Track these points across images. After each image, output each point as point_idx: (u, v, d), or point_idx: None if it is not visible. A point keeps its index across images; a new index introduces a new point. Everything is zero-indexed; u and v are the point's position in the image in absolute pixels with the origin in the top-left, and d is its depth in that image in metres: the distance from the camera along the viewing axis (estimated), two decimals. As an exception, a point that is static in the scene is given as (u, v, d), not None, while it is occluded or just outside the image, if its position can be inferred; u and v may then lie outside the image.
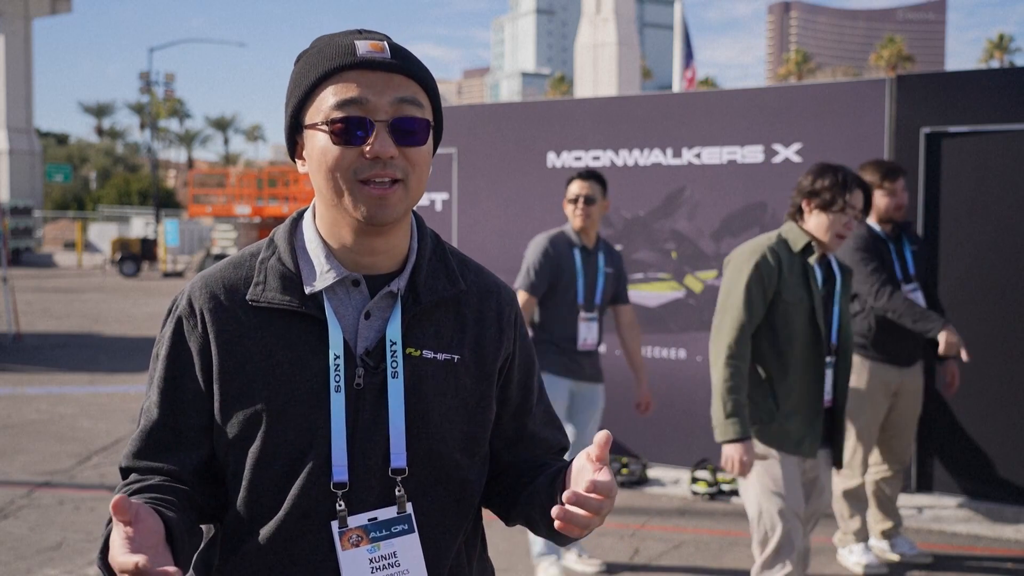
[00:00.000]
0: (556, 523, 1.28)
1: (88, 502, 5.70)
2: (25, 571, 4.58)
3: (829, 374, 3.45)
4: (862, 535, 4.74)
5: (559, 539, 1.43)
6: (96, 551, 1.29)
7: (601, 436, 1.26)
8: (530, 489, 1.47)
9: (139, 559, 1.12)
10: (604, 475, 1.26)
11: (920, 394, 4.86)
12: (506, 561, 4.69)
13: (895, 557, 4.82)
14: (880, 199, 4.67)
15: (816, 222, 3.39)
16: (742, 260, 3.39)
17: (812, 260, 3.39)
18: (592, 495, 1.25)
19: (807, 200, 3.40)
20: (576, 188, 4.54)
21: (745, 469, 3.28)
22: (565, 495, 1.26)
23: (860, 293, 4.61)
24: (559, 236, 4.56)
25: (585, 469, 1.30)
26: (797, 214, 3.45)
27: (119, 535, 1.17)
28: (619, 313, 4.77)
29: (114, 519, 1.18)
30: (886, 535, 4.86)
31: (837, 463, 3.56)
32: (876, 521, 4.87)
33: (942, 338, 4.42)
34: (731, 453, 3.28)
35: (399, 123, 1.34)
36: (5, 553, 4.81)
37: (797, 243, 3.40)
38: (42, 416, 8.17)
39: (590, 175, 4.59)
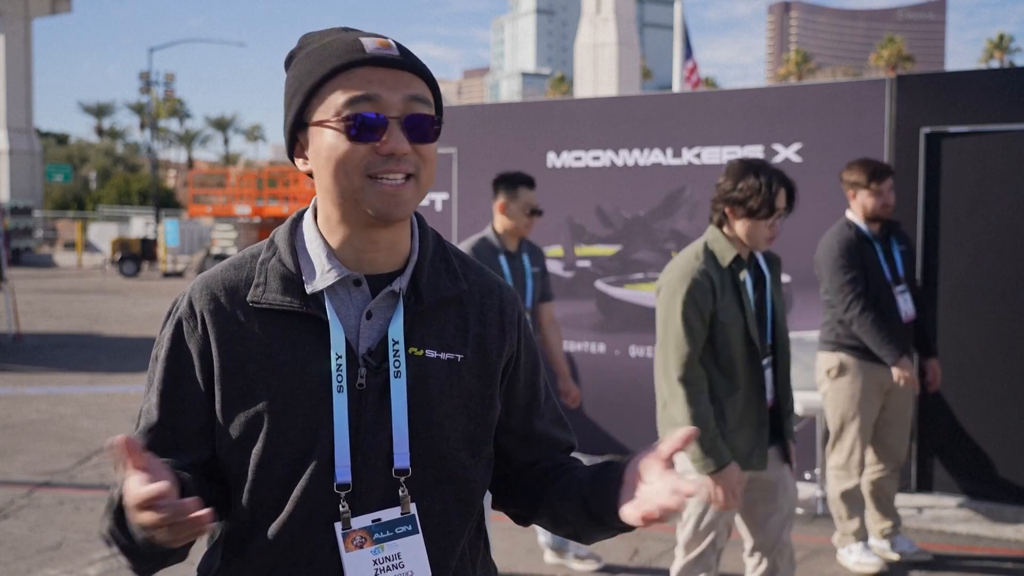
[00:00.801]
0: (635, 514, 1.28)
1: (88, 502, 5.70)
2: (25, 571, 4.58)
3: (768, 374, 3.37)
4: (861, 535, 4.74)
5: (585, 538, 1.48)
6: (106, 522, 1.28)
7: (686, 432, 1.27)
8: (561, 486, 1.47)
9: (162, 484, 1.14)
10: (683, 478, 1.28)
11: (911, 391, 4.86)
12: (506, 561, 4.69)
13: (895, 556, 4.83)
14: (867, 199, 4.65)
15: (743, 229, 3.24)
16: (673, 287, 3.24)
17: (743, 276, 3.28)
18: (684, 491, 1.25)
19: (730, 208, 3.25)
20: (534, 199, 4.48)
21: (733, 497, 3.19)
22: (666, 486, 1.26)
23: (834, 302, 4.62)
24: (481, 243, 4.41)
25: (653, 466, 1.30)
26: (722, 219, 3.30)
27: (135, 477, 1.17)
28: (540, 312, 4.66)
29: (127, 465, 1.17)
30: (885, 535, 4.86)
31: (787, 457, 3.44)
32: (875, 521, 4.87)
33: (895, 372, 4.55)
34: (718, 483, 3.18)
35: (411, 120, 1.34)
36: (5, 553, 4.81)
37: (725, 257, 3.26)
38: (42, 416, 8.17)
39: (534, 183, 4.54)
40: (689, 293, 3.19)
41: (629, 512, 1.30)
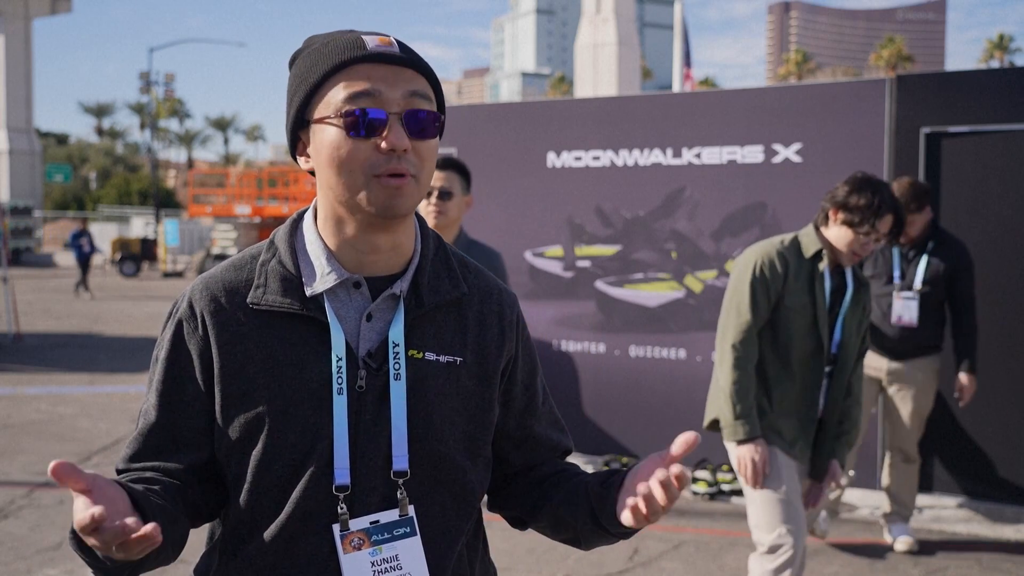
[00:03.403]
0: (627, 512, 1.26)
1: (88, 502, 5.69)
2: (25, 571, 4.58)
3: (825, 384, 3.40)
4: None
5: (585, 544, 1.47)
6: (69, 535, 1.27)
7: (688, 437, 1.24)
8: (565, 492, 1.46)
9: (96, 510, 1.10)
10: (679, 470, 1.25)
11: (924, 390, 4.95)
12: (506, 561, 4.69)
13: (887, 540, 4.98)
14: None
15: (837, 234, 3.33)
16: (748, 260, 3.37)
17: (821, 267, 3.35)
18: (673, 483, 1.23)
19: (835, 210, 3.33)
20: (436, 181, 3.85)
21: (758, 469, 3.25)
22: (656, 477, 1.23)
23: None
24: None
25: (657, 470, 1.27)
26: (822, 219, 3.40)
27: (79, 500, 1.15)
28: None
29: (72, 491, 1.15)
30: (885, 516, 5.05)
31: (813, 474, 3.47)
32: (885, 504, 5.09)
33: None
34: (742, 453, 3.27)
35: (412, 116, 1.33)
36: (5, 553, 4.81)
37: (808, 249, 3.37)
38: (42, 416, 8.17)
39: (448, 164, 3.89)
40: (761, 267, 3.33)
41: (623, 513, 1.30)
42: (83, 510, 1.13)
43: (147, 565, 1.29)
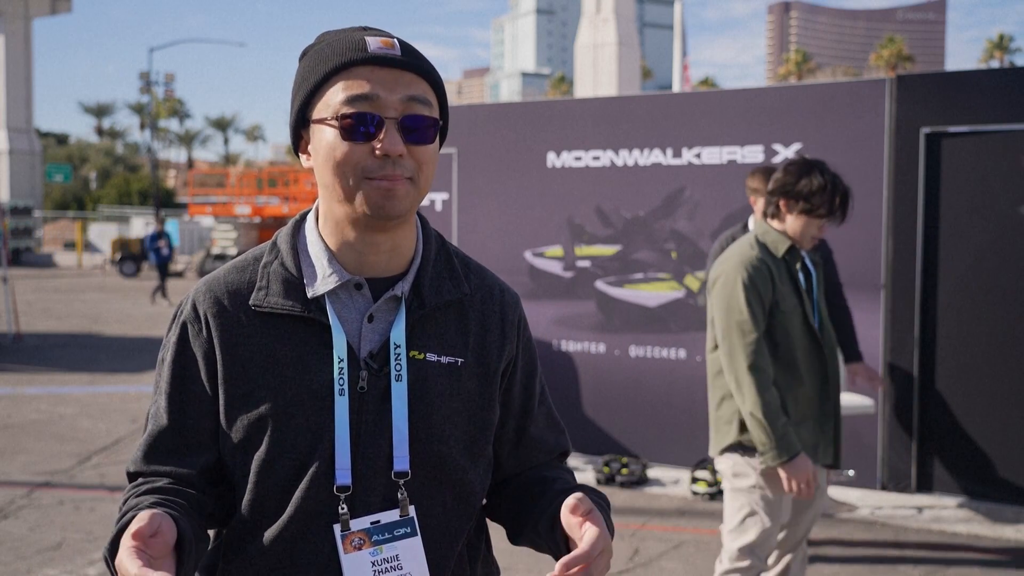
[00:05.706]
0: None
1: (88, 502, 5.70)
2: (25, 571, 4.58)
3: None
4: None
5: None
6: (106, 544, 1.28)
7: (571, 501, 1.25)
8: (534, 515, 1.45)
9: (139, 573, 1.12)
10: (590, 533, 1.22)
11: None
12: (506, 560, 4.68)
13: None
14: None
15: (795, 224, 3.23)
16: (732, 276, 3.22)
17: (798, 264, 3.29)
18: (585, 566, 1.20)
19: (787, 200, 3.22)
20: None
21: (811, 486, 3.13)
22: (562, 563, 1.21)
23: None
24: None
25: (573, 526, 1.27)
26: (772, 212, 3.28)
27: (130, 542, 1.17)
28: None
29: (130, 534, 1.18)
30: None
31: (835, 463, 3.43)
32: None
33: None
34: (791, 474, 3.11)
35: (408, 121, 1.33)
36: (5, 553, 4.81)
37: (779, 247, 3.26)
38: (42, 416, 8.17)
39: None
40: (750, 279, 3.18)
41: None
42: (131, 554, 1.15)
43: None
